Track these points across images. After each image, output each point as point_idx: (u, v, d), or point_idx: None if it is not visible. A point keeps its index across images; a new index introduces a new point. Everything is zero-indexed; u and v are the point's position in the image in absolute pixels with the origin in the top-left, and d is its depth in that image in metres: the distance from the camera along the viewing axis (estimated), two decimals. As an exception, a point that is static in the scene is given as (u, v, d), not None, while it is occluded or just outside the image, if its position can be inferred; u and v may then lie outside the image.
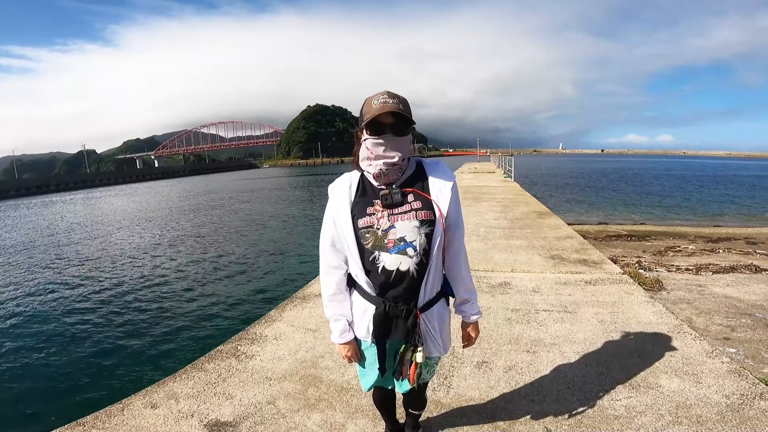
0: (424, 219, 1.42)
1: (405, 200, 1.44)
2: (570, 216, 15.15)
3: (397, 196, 1.43)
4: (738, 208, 19.29)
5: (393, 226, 1.42)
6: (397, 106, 1.35)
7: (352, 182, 1.51)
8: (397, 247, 1.41)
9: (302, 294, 4.21)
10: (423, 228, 1.42)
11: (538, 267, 4.94)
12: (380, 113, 1.35)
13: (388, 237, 1.42)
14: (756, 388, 2.35)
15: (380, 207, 1.44)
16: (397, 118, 1.37)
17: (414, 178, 1.50)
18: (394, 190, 1.44)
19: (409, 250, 1.41)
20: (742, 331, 3.66)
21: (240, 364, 2.81)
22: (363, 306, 1.53)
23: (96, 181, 76.10)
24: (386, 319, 1.48)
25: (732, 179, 39.19)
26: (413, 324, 1.47)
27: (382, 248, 1.42)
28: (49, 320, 7.59)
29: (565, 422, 2.13)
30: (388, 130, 1.38)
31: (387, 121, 1.37)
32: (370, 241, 1.43)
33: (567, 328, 3.22)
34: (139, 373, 5.34)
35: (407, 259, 1.42)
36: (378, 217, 1.43)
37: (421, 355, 1.50)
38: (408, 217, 1.42)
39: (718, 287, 5.02)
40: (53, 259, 12.91)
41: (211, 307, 7.80)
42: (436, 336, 1.55)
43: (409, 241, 1.41)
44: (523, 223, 7.98)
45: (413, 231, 1.42)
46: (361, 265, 1.46)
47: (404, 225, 1.41)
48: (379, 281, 1.45)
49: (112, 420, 2.25)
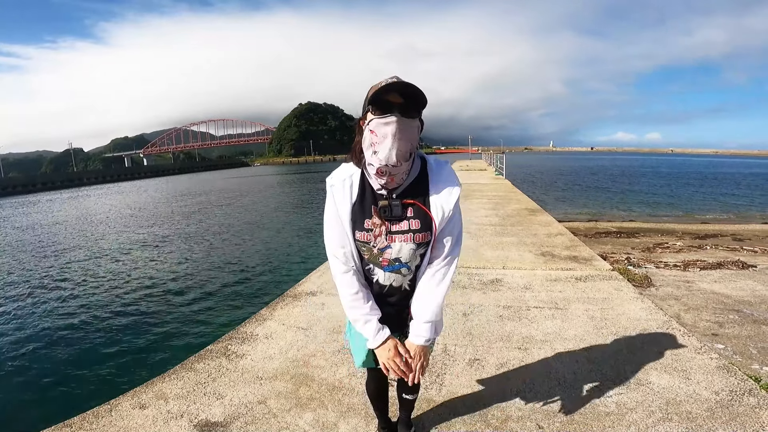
0: (421, 242, 1.40)
1: (404, 214, 1.37)
2: (560, 213, 15.27)
3: (397, 209, 1.36)
4: (725, 205, 19.59)
5: (390, 246, 1.39)
6: (408, 84, 1.23)
7: (353, 181, 1.40)
8: (391, 267, 1.42)
9: (293, 292, 4.18)
10: (419, 249, 1.41)
11: (529, 264, 4.96)
12: (388, 90, 1.23)
13: (384, 256, 1.40)
14: (745, 384, 2.37)
15: (378, 220, 1.37)
16: (407, 97, 1.25)
17: (416, 184, 1.40)
18: (394, 201, 1.36)
19: (403, 269, 1.43)
20: (730, 327, 3.70)
21: (230, 364, 2.78)
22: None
23: (83, 180, 74.98)
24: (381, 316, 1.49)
25: (719, 177, 39.77)
26: (405, 317, 1.53)
27: (376, 264, 1.43)
28: (34, 321, 7.46)
29: (556, 419, 2.13)
30: (396, 109, 1.23)
31: (395, 100, 1.24)
32: (366, 255, 1.42)
33: (558, 325, 3.24)
34: (128, 374, 5.27)
35: (400, 277, 1.44)
36: (375, 235, 1.37)
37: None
38: (405, 238, 1.38)
39: (705, 283, 5.07)
40: (39, 260, 12.70)
41: (200, 306, 7.73)
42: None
43: (404, 262, 1.41)
44: (515, 220, 8.01)
45: (409, 252, 1.40)
46: (360, 268, 1.47)
47: (401, 246, 1.39)
48: (374, 291, 1.48)
49: (99, 421, 2.21)
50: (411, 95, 1.24)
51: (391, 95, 1.24)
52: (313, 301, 3.89)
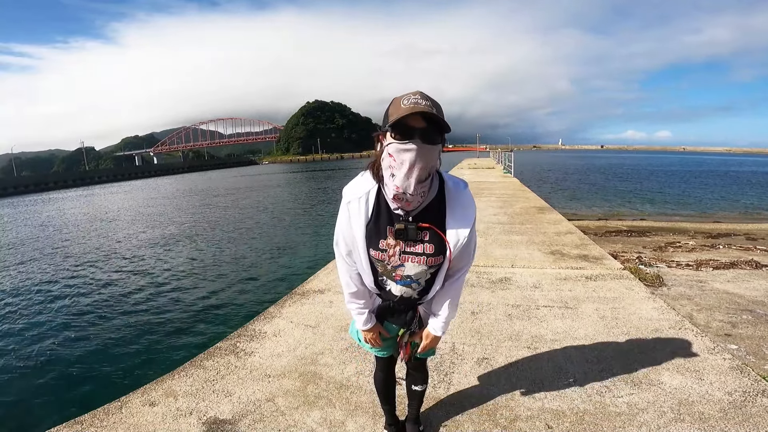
0: (433, 265, 1.43)
1: (419, 237, 1.38)
2: (570, 211, 15.14)
3: (412, 232, 1.36)
4: (738, 205, 19.28)
5: (402, 265, 1.43)
6: (431, 109, 1.18)
7: (369, 198, 1.39)
8: (403, 281, 1.48)
9: (302, 290, 4.19)
10: (430, 270, 1.46)
11: (539, 262, 4.92)
12: (410, 114, 1.17)
13: (396, 272, 1.46)
14: (758, 385, 2.33)
15: (393, 240, 1.39)
16: (429, 122, 1.20)
17: (433, 208, 1.39)
18: (411, 224, 1.35)
19: (414, 284, 1.50)
20: (744, 327, 3.64)
21: (239, 362, 2.79)
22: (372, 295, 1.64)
23: (95, 179, 75.84)
24: (389, 309, 1.62)
25: (732, 175, 39.16)
26: (411, 317, 1.63)
27: (390, 278, 1.50)
28: (46, 319, 7.57)
29: (566, 419, 2.11)
30: (417, 135, 1.20)
31: (417, 125, 1.20)
32: (380, 269, 1.48)
33: (568, 324, 3.21)
34: (138, 371, 5.32)
35: (410, 290, 1.51)
36: (389, 254, 1.40)
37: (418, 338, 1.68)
38: (419, 260, 1.41)
39: (718, 283, 5.00)
40: (51, 257, 12.88)
41: (209, 304, 7.78)
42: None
43: (415, 278, 1.47)
44: (523, 218, 7.95)
45: (420, 273, 1.45)
46: (372, 281, 1.53)
47: (413, 267, 1.43)
48: (385, 297, 1.59)
49: (110, 418, 2.23)
50: (433, 121, 1.20)
51: (413, 119, 1.19)
52: (321, 299, 3.90)
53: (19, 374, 5.55)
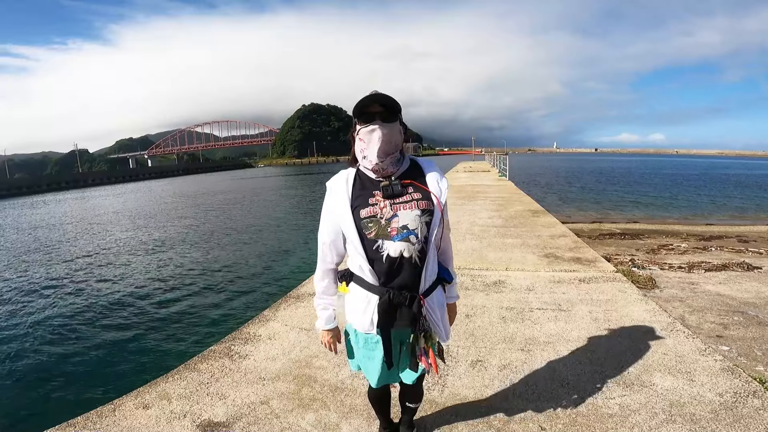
0: (424, 209, 1.49)
1: (405, 191, 1.50)
2: (564, 214, 15.22)
3: (397, 186, 1.49)
4: (730, 207, 19.45)
5: (396, 215, 1.47)
6: (383, 94, 1.45)
7: (348, 177, 1.55)
8: (400, 235, 1.46)
9: (296, 293, 4.19)
10: (423, 217, 1.48)
11: (533, 265, 4.95)
12: (366, 101, 1.44)
13: (392, 225, 1.46)
14: (749, 386, 2.36)
15: (381, 198, 1.49)
16: (384, 105, 1.45)
17: (410, 171, 1.56)
18: (394, 181, 1.50)
19: (412, 237, 1.47)
20: (735, 328, 3.68)
21: (233, 364, 2.79)
22: (366, 298, 1.53)
23: (88, 181, 75.39)
24: (391, 307, 1.49)
25: (723, 178, 39.52)
26: (418, 309, 1.50)
27: (385, 237, 1.46)
28: (39, 321, 7.51)
29: (559, 421, 2.12)
30: (378, 117, 1.45)
31: (375, 110, 1.45)
32: (374, 231, 1.46)
33: (561, 327, 3.23)
34: (131, 374, 5.29)
35: (410, 246, 1.47)
36: (381, 207, 1.48)
37: (436, 336, 1.57)
38: (410, 206, 1.48)
39: (710, 285, 5.05)
40: (44, 260, 12.78)
41: (204, 307, 7.75)
42: (438, 323, 1.59)
43: (411, 228, 1.47)
44: (518, 221, 7.99)
45: (415, 219, 1.47)
46: (364, 255, 1.48)
47: (406, 214, 1.47)
48: (384, 269, 1.48)
49: (103, 421, 2.22)
50: (388, 104, 1.45)
51: (371, 107, 1.45)
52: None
53: (13, 377, 5.51)
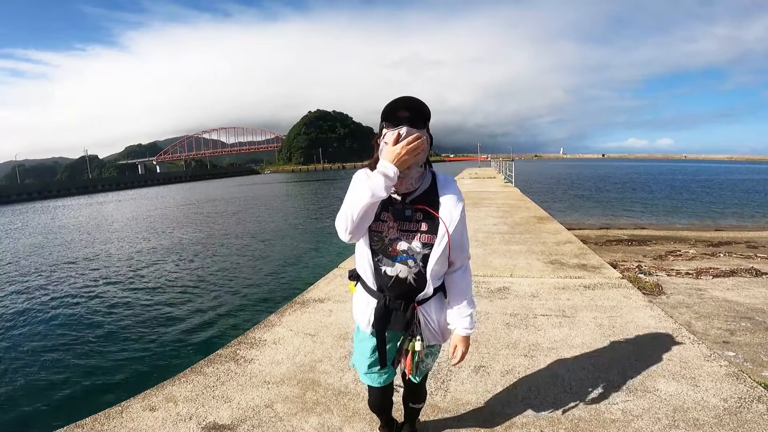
0: (426, 242, 1.50)
1: (414, 217, 1.51)
2: (571, 221, 15.15)
3: (408, 212, 1.50)
4: (740, 212, 19.25)
5: (398, 239, 1.51)
6: (413, 98, 1.42)
7: None
8: (399, 257, 1.52)
9: (302, 299, 4.22)
10: (425, 249, 1.51)
11: (537, 272, 4.95)
12: (397, 105, 1.43)
13: (393, 246, 1.51)
14: (754, 391, 2.35)
15: (391, 217, 1.51)
16: (412, 111, 1.43)
17: (426, 193, 1.53)
18: (407, 205, 1.51)
19: (410, 261, 1.52)
20: (742, 334, 3.65)
21: (239, 368, 2.82)
22: (366, 299, 1.62)
23: (98, 187, 76.24)
24: (386, 311, 1.57)
25: (732, 183, 39.12)
26: (411, 315, 1.56)
27: (386, 255, 1.53)
28: (48, 323, 7.60)
29: (561, 426, 2.13)
30: (405, 122, 1.41)
31: (403, 114, 1.42)
32: (378, 245, 1.53)
33: (565, 333, 3.23)
34: (138, 377, 5.34)
35: (407, 268, 1.52)
36: (388, 227, 1.51)
37: (419, 344, 1.59)
38: (413, 237, 1.50)
39: (718, 291, 5.01)
40: (53, 263, 12.93)
41: (210, 312, 7.80)
42: (434, 326, 1.62)
43: (411, 254, 1.51)
44: (523, 228, 7.98)
45: (417, 247, 1.51)
46: (370, 260, 1.55)
47: (409, 243, 1.51)
48: (381, 281, 1.56)
49: (110, 422, 2.26)
50: (416, 108, 1.43)
51: (399, 111, 1.43)
52: (321, 308, 3.93)
53: (22, 378, 5.58)
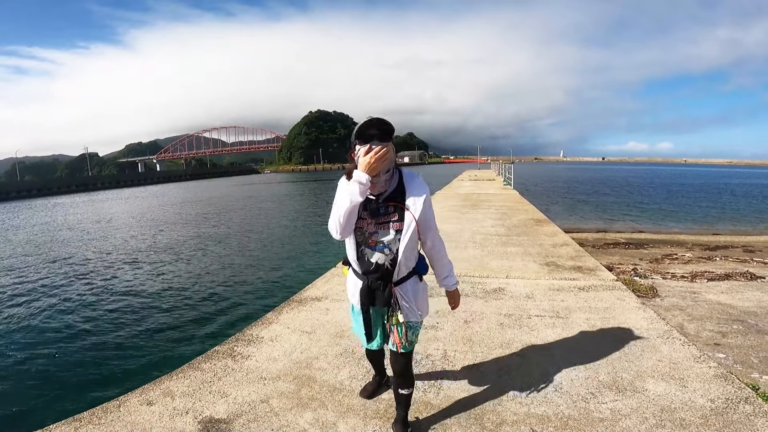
0: (398, 229, 1.85)
1: (387, 211, 1.86)
2: (569, 224, 15.20)
3: (382, 209, 1.86)
4: (738, 217, 19.31)
5: (376, 232, 1.88)
6: (379, 119, 1.73)
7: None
8: (376, 247, 1.89)
9: (299, 297, 4.26)
10: (397, 235, 1.86)
11: (533, 273, 4.99)
12: (365, 125, 1.74)
13: (371, 239, 1.88)
14: (742, 393, 2.39)
15: (368, 215, 1.86)
16: (379, 128, 1.75)
17: (395, 191, 1.88)
18: (380, 203, 1.85)
19: (386, 250, 1.88)
20: (733, 336, 3.70)
21: (235, 364, 2.86)
22: (355, 281, 2.00)
23: (98, 185, 76.13)
24: (369, 291, 1.93)
25: (732, 188, 39.20)
26: (389, 294, 1.91)
27: (366, 245, 1.90)
28: (47, 319, 7.64)
29: (551, 423, 2.17)
30: (375, 138, 1.75)
31: (373, 132, 1.75)
32: (360, 237, 1.90)
33: (558, 333, 3.27)
34: (136, 372, 5.39)
35: (383, 256, 1.88)
36: (367, 223, 1.87)
37: (401, 316, 1.93)
38: (387, 227, 1.87)
39: (712, 294, 5.06)
40: (52, 259, 12.96)
41: (208, 310, 7.84)
42: (411, 304, 1.96)
43: (386, 243, 1.87)
44: (520, 230, 8.02)
45: (390, 238, 1.86)
46: (355, 250, 1.92)
47: (384, 232, 1.87)
48: (363, 267, 1.93)
49: (108, 416, 2.30)
50: (382, 127, 1.74)
51: (369, 130, 1.74)
52: (318, 307, 3.97)
53: (20, 373, 5.62)
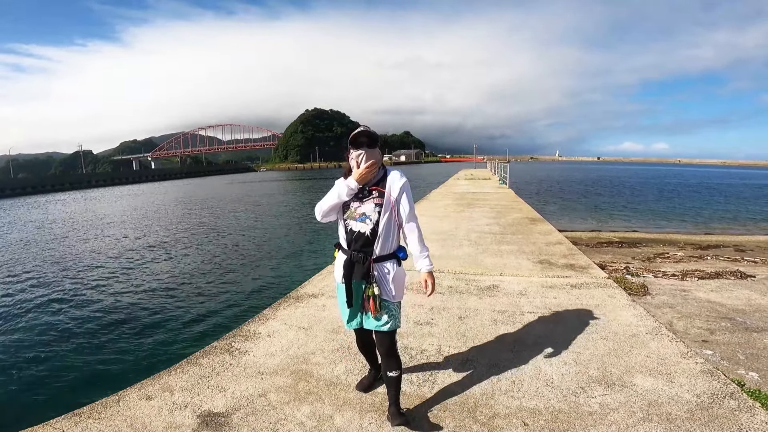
0: (377, 203, 2.20)
1: (370, 194, 2.23)
2: (563, 223, 15.30)
3: (366, 192, 2.23)
4: (730, 217, 19.49)
5: (360, 206, 2.22)
6: (367, 129, 2.20)
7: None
8: (360, 218, 2.22)
9: (296, 294, 4.31)
10: (376, 208, 2.20)
11: (527, 271, 5.06)
12: (356, 134, 2.19)
13: (357, 212, 2.22)
14: (727, 388, 2.46)
15: (355, 198, 2.22)
16: (367, 137, 2.19)
17: (380, 181, 2.26)
18: (366, 189, 2.23)
19: (367, 220, 2.20)
20: (721, 334, 3.77)
21: (233, 360, 2.91)
22: (341, 257, 2.27)
23: (92, 182, 75.64)
24: (351, 264, 2.20)
25: (724, 188, 39.52)
26: (368, 267, 2.18)
27: (352, 219, 2.23)
28: (47, 315, 7.65)
29: (541, 417, 2.23)
30: (364, 145, 2.18)
31: (363, 140, 2.19)
32: (347, 214, 2.24)
33: (550, 329, 3.34)
34: (135, 368, 5.42)
35: (365, 225, 2.20)
36: (353, 202, 2.23)
37: (377, 289, 2.16)
38: (369, 201, 2.21)
39: (702, 292, 5.14)
40: (52, 257, 12.92)
41: (207, 306, 7.87)
42: (386, 282, 2.20)
43: (367, 215, 2.21)
44: (515, 228, 8.10)
45: (371, 210, 2.20)
46: (343, 225, 2.26)
47: (367, 206, 2.21)
48: (348, 238, 2.24)
49: (108, 410, 2.34)
50: (370, 136, 2.18)
51: (360, 138, 2.18)
52: (315, 303, 4.02)
53: (21, 369, 5.64)
